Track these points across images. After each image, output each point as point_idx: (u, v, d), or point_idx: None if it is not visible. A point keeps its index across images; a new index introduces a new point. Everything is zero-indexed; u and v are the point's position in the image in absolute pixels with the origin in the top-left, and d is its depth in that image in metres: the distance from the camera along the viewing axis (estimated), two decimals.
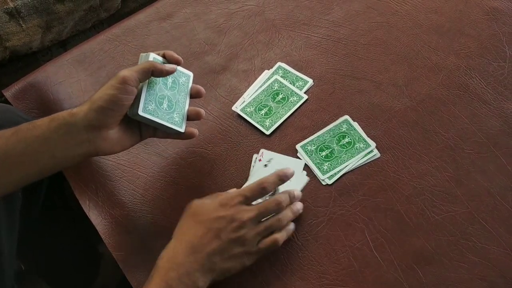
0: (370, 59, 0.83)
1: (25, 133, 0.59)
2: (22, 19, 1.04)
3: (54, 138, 0.59)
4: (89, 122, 0.60)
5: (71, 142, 0.60)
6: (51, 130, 0.59)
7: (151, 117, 0.65)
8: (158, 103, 0.66)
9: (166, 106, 0.68)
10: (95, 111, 0.60)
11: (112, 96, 0.60)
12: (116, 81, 0.60)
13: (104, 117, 0.60)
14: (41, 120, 0.61)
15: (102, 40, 0.90)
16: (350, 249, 0.65)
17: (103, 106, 0.60)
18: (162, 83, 0.68)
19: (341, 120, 0.75)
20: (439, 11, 0.87)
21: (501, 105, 0.75)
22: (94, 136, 0.61)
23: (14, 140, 0.59)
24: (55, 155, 0.60)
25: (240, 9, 0.92)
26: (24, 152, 0.59)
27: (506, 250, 0.63)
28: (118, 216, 0.71)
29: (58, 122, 0.60)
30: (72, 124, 0.60)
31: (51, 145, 0.59)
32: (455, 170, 0.70)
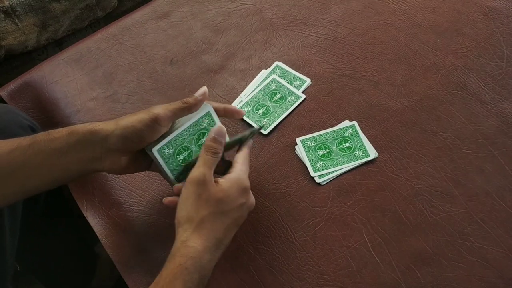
0: (368, 58, 0.83)
1: (42, 145, 0.59)
2: (17, 17, 1.03)
3: (70, 153, 0.59)
4: (108, 144, 0.59)
5: (85, 158, 0.60)
6: (70, 145, 0.59)
7: (161, 160, 0.62)
8: (177, 152, 0.63)
9: (182, 159, 0.63)
10: (117, 137, 0.59)
11: (139, 131, 0.58)
12: (147, 117, 0.58)
13: (122, 145, 0.59)
14: (59, 132, 0.60)
15: (99, 39, 0.89)
16: (348, 249, 0.65)
17: (126, 135, 0.59)
18: (196, 136, 0.63)
19: (347, 124, 0.75)
20: (437, 11, 0.87)
21: (498, 105, 0.75)
22: (106, 156, 0.60)
23: (31, 152, 0.58)
24: (69, 168, 0.60)
25: (237, 8, 0.92)
26: (41, 165, 0.59)
27: (504, 250, 0.63)
28: (115, 216, 0.71)
29: (77, 137, 0.59)
30: (91, 142, 0.59)
31: (67, 159, 0.59)
32: (453, 170, 0.70)
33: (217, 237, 0.56)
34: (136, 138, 0.59)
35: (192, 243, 0.55)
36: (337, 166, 0.71)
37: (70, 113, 0.80)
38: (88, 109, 0.81)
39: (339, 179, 0.70)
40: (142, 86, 0.83)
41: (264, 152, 0.74)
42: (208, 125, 0.64)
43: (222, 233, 0.57)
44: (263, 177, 0.72)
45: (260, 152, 0.74)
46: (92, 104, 0.81)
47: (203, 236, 0.56)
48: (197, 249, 0.55)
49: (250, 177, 0.69)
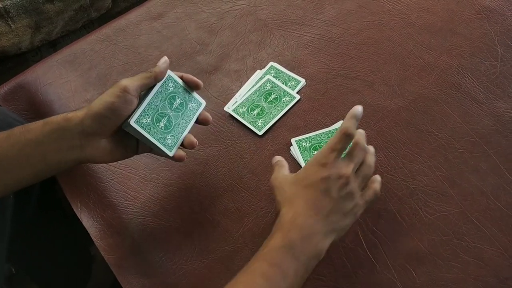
0: (363, 58, 0.83)
1: (18, 137, 0.59)
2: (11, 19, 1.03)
3: (46, 142, 0.59)
4: (83, 128, 0.59)
5: (63, 147, 0.59)
6: (44, 134, 0.59)
7: (142, 131, 0.62)
8: (156, 120, 0.63)
9: (163, 125, 0.64)
10: (91, 117, 0.59)
11: (111, 104, 0.59)
12: (116, 89, 0.59)
13: (99, 125, 0.59)
14: (34, 124, 0.60)
15: (93, 40, 0.89)
16: (344, 250, 0.65)
17: (100, 112, 0.59)
18: (168, 101, 0.65)
19: None
20: (431, 10, 0.87)
21: (493, 104, 0.75)
22: (86, 142, 0.60)
23: (8, 144, 0.58)
24: (47, 159, 0.59)
25: (231, 8, 0.91)
26: (17, 156, 0.58)
27: (499, 249, 0.63)
28: (110, 218, 0.71)
29: (51, 126, 0.59)
30: (66, 129, 0.59)
31: (43, 149, 0.59)
32: (448, 169, 0.70)
33: (306, 206, 0.56)
34: (110, 112, 0.59)
35: (283, 214, 0.57)
36: None
37: None
38: None
39: None
40: None
41: (260, 153, 0.74)
42: (174, 87, 0.66)
43: (311, 203, 0.56)
44: (259, 177, 0.72)
45: (255, 152, 0.74)
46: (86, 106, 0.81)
47: (292, 205, 0.57)
48: (289, 212, 0.56)
49: (246, 178, 0.69)
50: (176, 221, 0.70)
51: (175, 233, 0.69)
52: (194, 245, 0.68)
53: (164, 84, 0.65)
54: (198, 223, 0.69)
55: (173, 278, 0.65)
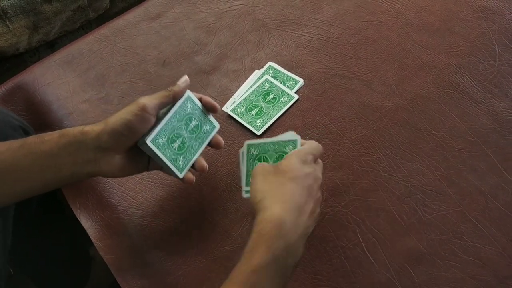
0: (361, 58, 0.83)
1: (33, 147, 0.58)
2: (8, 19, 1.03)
3: (62, 155, 0.58)
4: (99, 143, 0.59)
5: (78, 160, 0.59)
6: (60, 147, 0.58)
7: (157, 150, 0.61)
8: (171, 140, 0.63)
9: (177, 147, 0.64)
10: (108, 133, 0.58)
11: (128, 122, 0.58)
12: (134, 107, 0.59)
13: (115, 141, 0.59)
14: (50, 135, 0.59)
15: (91, 40, 0.89)
16: (342, 249, 0.65)
17: (117, 129, 0.58)
18: (184, 122, 0.65)
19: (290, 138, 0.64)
20: (429, 10, 0.87)
21: (491, 103, 0.75)
22: (101, 157, 0.59)
23: (22, 153, 0.58)
24: (61, 171, 0.59)
25: (229, 8, 0.91)
26: (31, 166, 0.58)
27: (498, 249, 0.63)
28: (108, 219, 0.71)
29: (67, 139, 0.59)
30: (82, 143, 0.58)
31: (58, 161, 0.58)
32: (446, 169, 0.70)
33: (294, 202, 0.54)
34: (127, 130, 0.59)
35: (268, 209, 0.54)
36: None
37: (63, 115, 0.80)
38: (81, 112, 0.80)
39: (333, 179, 0.70)
40: (134, 88, 0.83)
41: None
42: (192, 109, 0.65)
43: (297, 196, 0.55)
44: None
45: None
46: (84, 106, 0.81)
47: (277, 201, 0.54)
48: (274, 212, 0.53)
49: None
50: (175, 222, 0.70)
51: (174, 234, 0.69)
52: (193, 245, 0.68)
53: (183, 105, 0.64)
54: (197, 223, 0.69)
55: (172, 278, 0.65)
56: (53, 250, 0.96)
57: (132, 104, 0.60)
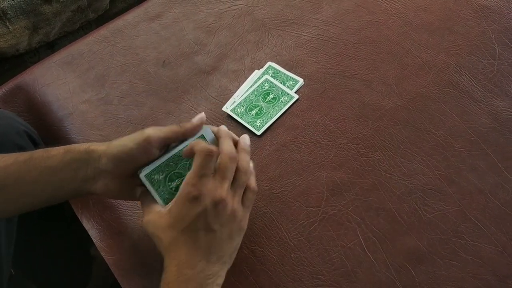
0: (360, 57, 0.83)
1: (39, 162, 0.58)
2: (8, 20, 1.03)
3: (66, 171, 0.58)
4: (99, 164, 0.58)
5: (79, 177, 0.59)
6: (65, 163, 0.58)
7: (149, 186, 0.58)
8: (169, 179, 0.59)
9: (174, 186, 0.59)
10: (108, 156, 0.58)
11: (130, 150, 0.57)
12: (139, 137, 0.57)
13: (113, 166, 0.58)
14: (56, 150, 0.59)
15: (90, 41, 0.89)
16: (343, 249, 0.65)
17: (117, 156, 0.57)
18: (189, 163, 0.59)
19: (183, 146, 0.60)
20: (429, 9, 0.87)
21: (491, 102, 0.75)
22: (98, 177, 0.59)
23: (27, 168, 0.58)
24: (63, 187, 0.59)
25: (229, 8, 0.91)
26: (36, 181, 0.58)
27: (498, 248, 0.63)
28: (109, 219, 0.71)
29: (72, 156, 0.58)
30: (85, 161, 0.58)
31: (62, 177, 0.58)
32: (446, 168, 0.70)
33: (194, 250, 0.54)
34: (127, 158, 0.57)
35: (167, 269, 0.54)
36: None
37: (63, 116, 0.80)
38: (81, 112, 0.80)
39: (333, 179, 0.70)
40: (134, 88, 0.83)
41: (258, 153, 0.74)
42: None
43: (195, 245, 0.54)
44: (257, 177, 0.71)
45: (253, 152, 0.74)
46: (84, 107, 0.81)
47: (177, 254, 0.54)
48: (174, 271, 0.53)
49: None
50: None
51: None
52: None
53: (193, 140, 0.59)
54: None
55: None
56: (54, 250, 0.96)
57: (137, 133, 0.58)
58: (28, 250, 0.91)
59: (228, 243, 0.57)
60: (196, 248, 0.54)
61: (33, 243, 0.91)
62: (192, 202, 0.54)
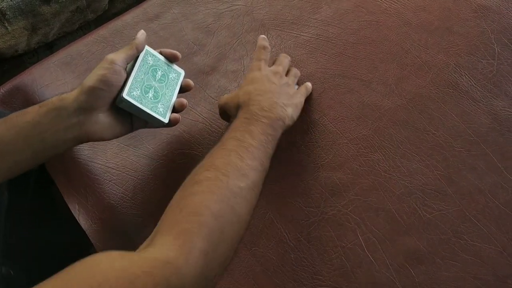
0: (360, 58, 0.83)
1: (15, 120, 0.60)
2: (7, 21, 1.03)
3: (44, 123, 0.60)
4: (79, 104, 0.61)
5: (61, 125, 0.60)
6: (41, 115, 0.60)
7: (136, 102, 0.65)
8: (144, 91, 0.67)
9: (152, 96, 0.68)
10: (85, 93, 0.61)
11: (102, 76, 0.61)
12: (104, 63, 0.63)
13: (94, 98, 0.61)
14: (31, 108, 0.61)
15: (89, 41, 0.89)
16: (342, 249, 0.65)
17: (93, 86, 0.61)
18: (151, 74, 0.69)
19: None
20: (428, 9, 0.87)
21: (490, 102, 0.75)
22: (84, 119, 0.61)
23: (4, 127, 0.60)
24: (45, 139, 0.60)
25: (228, 9, 0.91)
26: (15, 139, 0.60)
27: (498, 248, 0.63)
28: (108, 220, 0.71)
29: (47, 107, 0.61)
30: (62, 108, 0.60)
31: (41, 129, 0.60)
32: (445, 168, 0.70)
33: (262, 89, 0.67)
34: (102, 84, 0.61)
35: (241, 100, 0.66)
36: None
37: None
38: None
39: (332, 179, 0.70)
40: None
41: None
42: (153, 61, 0.71)
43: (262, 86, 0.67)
44: None
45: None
46: None
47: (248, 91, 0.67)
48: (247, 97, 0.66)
49: None
50: None
51: None
52: None
53: (144, 59, 0.69)
54: None
55: None
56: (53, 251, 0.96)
57: (101, 62, 0.63)
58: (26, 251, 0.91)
59: (288, 97, 0.69)
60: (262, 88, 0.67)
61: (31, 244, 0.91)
62: (257, 71, 0.71)
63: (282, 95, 0.67)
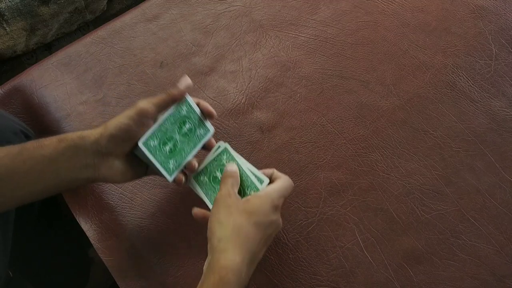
0: (358, 58, 0.83)
1: (32, 152, 0.58)
2: (6, 22, 1.03)
3: (60, 160, 0.58)
4: (98, 148, 0.58)
5: (76, 165, 0.59)
6: (59, 152, 0.58)
7: (148, 153, 0.61)
8: (162, 143, 0.62)
9: (168, 149, 0.63)
10: (107, 138, 0.58)
11: (126, 126, 0.58)
12: (132, 111, 0.59)
13: (113, 146, 0.59)
14: (49, 140, 0.59)
15: (88, 42, 0.89)
16: (341, 249, 0.65)
17: (115, 134, 0.58)
18: (178, 125, 0.64)
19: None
20: (426, 10, 0.87)
21: (488, 102, 0.76)
22: (100, 162, 0.59)
23: (21, 158, 0.58)
24: (59, 176, 0.59)
25: (226, 9, 0.91)
26: (30, 171, 0.58)
27: (496, 247, 0.64)
28: (107, 220, 0.71)
29: (66, 144, 0.58)
30: (80, 147, 0.58)
31: (57, 166, 0.58)
32: (443, 168, 0.70)
33: (252, 250, 0.56)
34: (125, 135, 0.59)
35: (230, 255, 0.54)
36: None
37: (60, 117, 0.80)
38: (78, 113, 0.80)
39: (331, 179, 0.71)
40: (132, 89, 0.83)
41: (256, 153, 0.74)
42: (187, 112, 0.65)
43: (256, 246, 0.56)
44: None
45: (252, 153, 0.74)
46: (82, 108, 0.81)
47: (240, 247, 0.55)
48: (236, 261, 0.54)
49: None
50: (173, 223, 0.70)
51: (172, 235, 0.69)
52: (192, 246, 0.68)
53: (179, 107, 0.64)
54: (195, 224, 0.69)
55: (171, 279, 0.65)
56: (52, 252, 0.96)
57: (130, 108, 0.59)
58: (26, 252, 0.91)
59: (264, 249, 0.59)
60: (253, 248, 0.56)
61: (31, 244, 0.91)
62: (273, 208, 0.58)
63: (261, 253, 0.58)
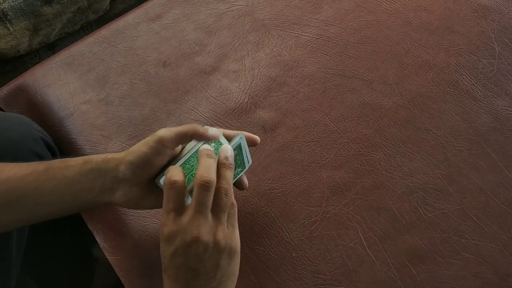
0: (361, 57, 0.83)
1: (56, 172, 0.58)
2: (9, 22, 1.03)
3: (82, 182, 0.58)
4: (117, 173, 0.58)
5: (96, 188, 0.58)
6: (82, 174, 0.58)
7: None
8: (186, 181, 0.56)
9: (190, 188, 0.57)
10: (125, 164, 0.57)
11: (144, 154, 0.56)
12: (151, 139, 0.57)
13: (131, 173, 0.57)
14: (74, 160, 0.59)
15: (91, 42, 0.89)
16: (344, 248, 0.65)
17: (132, 162, 0.57)
18: None
19: None
20: (428, 9, 0.87)
21: (491, 101, 0.76)
22: (116, 187, 0.58)
23: (45, 178, 0.57)
24: (79, 198, 0.58)
25: (229, 9, 0.92)
26: (53, 191, 0.58)
27: (499, 246, 0.64)
28: (111, 219, 0.71)
29: (91, 166, 0.58)
30: (103, 171, 0.58)
31: (78, 188, 0.58)
32: (446, 167, 0.70)
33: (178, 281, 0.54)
34: (143, 163, 0.57)
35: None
36: None
37: (63, 116, 0.80)
38: (81, 112, 0.80)
39: (334, 178, 0.71)
40: (135, 89, 0.83)
41: (259, 153, 0.74)
42: (215, 149, 0.58)
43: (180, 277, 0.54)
44: (258, 177, 0.72)
45: (254, 152, 0.74)
46: (85, 107, 0.81)
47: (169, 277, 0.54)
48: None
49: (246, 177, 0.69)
50: None
51: None
52: None
53: (206, 143, 0.59)
54: None
55: None
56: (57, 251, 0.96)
57: (150, 136, 0.57)
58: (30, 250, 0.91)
59: (217, 272, 0.53)
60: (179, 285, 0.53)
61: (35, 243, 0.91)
62: (165, 241, 0.53)
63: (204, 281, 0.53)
